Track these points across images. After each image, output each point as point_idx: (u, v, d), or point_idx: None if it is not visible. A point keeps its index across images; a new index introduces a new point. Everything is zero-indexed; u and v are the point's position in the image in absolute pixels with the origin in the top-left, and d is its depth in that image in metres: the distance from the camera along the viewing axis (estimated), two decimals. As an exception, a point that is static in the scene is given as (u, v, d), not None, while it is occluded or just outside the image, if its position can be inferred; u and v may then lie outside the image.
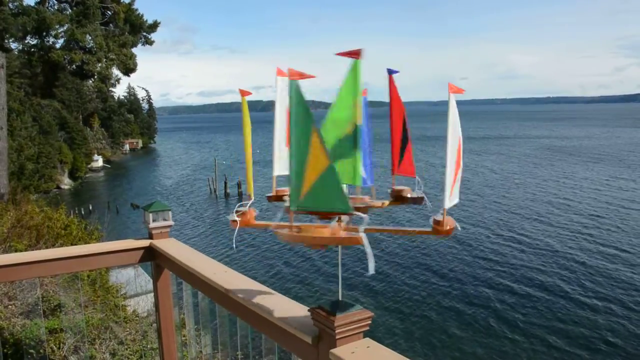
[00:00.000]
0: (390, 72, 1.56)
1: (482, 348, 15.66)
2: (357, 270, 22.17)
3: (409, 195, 1.64)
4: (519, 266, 22.48)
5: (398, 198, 1.65)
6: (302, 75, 1.31)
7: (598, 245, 25.09)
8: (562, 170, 50.79)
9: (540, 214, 31.92)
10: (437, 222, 1.42)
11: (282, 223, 1.50)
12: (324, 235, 1.36)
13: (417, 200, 1.65)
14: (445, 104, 1.44)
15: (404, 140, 1.63)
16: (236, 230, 1.63)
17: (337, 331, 1.45)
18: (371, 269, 1.29)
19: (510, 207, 34.56)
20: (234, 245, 26.62)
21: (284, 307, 1.82)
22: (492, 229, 28.78)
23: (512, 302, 18.86)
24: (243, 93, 1.62)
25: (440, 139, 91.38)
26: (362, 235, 1.30)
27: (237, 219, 1.62)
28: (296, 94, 1.28)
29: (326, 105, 1.64)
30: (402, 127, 1.62)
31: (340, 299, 1.52)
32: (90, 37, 55.34)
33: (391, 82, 1.56)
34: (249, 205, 1.66)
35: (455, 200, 1.48)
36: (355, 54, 1.27)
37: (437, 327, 17.10)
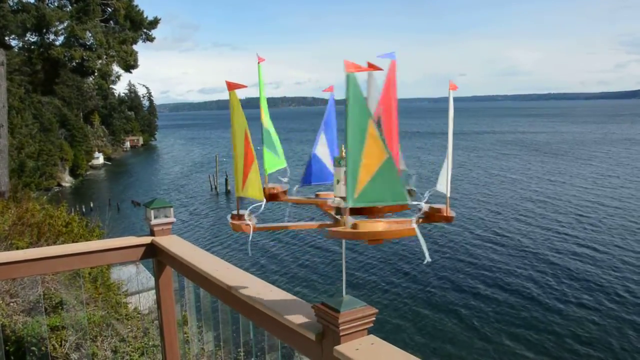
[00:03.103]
0: (388, 56, 1.48)
1: (486, 345, 15.68)
2: (362, 266, 22.21)
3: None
4: (523, 264, 22.51)
5: None
6: (360, 68, 1.25)
7: (591, 242, 25.13)
8: (550, 168, 50.78)
9: (535, 211, 31.94)
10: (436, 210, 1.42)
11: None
12: (378, 229, 1.35)
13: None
14: (445, 100, 1.43)
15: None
16: (250, 236, 1.60)
17: (341, 328, 1.44)
18: (427, 258, 1.33)
19: (507, 204, 34.58)
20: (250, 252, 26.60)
21: (287, 303, 1.82)
22: (504, 222, 28.82)
23: (515, 300, 18.89)
24: (231, 86, 1.55)
25: (437, 135, 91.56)
26: (415, 226, 1.32)
27: (250, 223, 1.60)
28: (353, 88, 1.24)
29: (324, 102, 1.66)
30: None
31: (344, 295, 1.51)
32: (90, 34, 55.37)
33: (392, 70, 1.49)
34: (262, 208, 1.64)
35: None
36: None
37: (441, 323, 17.11)
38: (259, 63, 1.62)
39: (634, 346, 15.24)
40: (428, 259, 1.34)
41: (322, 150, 1.75)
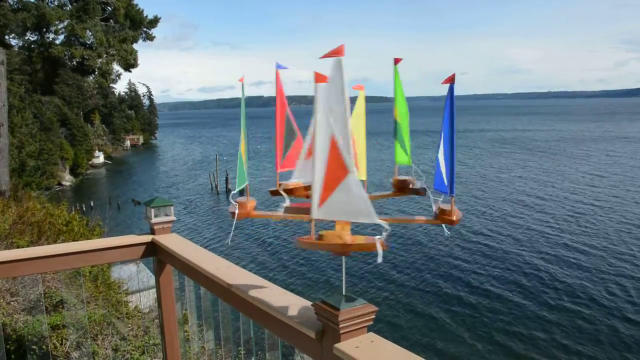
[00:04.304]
0: (279, 67, 1.53)
1: (485, 343, 15.70)
2: (361, 264, 22.21)
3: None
4: (523, 263, 22.52)
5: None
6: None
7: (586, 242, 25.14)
8: (547, 166, 50.76)
9: (529, 210, 31.95)
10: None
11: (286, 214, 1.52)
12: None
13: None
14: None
15: (290, 135, 1.62)
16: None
17: (340, 326, 1.44)
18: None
19: (502, 203, 34.59)
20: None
21: (287, 301, 1.82)
22: (497, 222, 28.83)
23: (510, 299, 18.91)
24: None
25: (429, 134, 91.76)
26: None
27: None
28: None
29: None
30: (286, 123, 1.61)
31: (344, 293, 1.52)
32: (90, 33, 55.35)
33: (277, 78, 1.54)
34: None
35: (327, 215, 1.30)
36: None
37: (441, 322, 17.14)
38: (395, 64, 1.54)
39: (620, 348, 15.29)
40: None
41: (440, 154, 1.48)
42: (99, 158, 67.14)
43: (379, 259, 1.27)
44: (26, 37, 56.54)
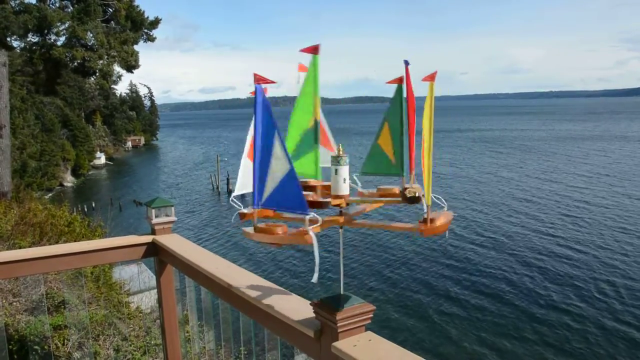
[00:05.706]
0: (407, 63, 1.43)
1: (483, 342, 15.69)
2: (359, 264, 22.22)
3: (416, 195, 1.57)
4: (517, 264, 22.50)
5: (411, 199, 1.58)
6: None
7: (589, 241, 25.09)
8: (546, 166, 50.61)
9: (527, 210, 31.90)
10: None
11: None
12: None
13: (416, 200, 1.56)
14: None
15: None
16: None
17: (338, 325, 1.45)
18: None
19: (500, 203, 34.54)
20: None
21: (286, 301, 1.83)
22: (491, 223, 28.80)
23: (508, 299, 18.89)
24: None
25: (439, 132, 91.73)
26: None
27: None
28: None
29: (326, 101, 1.61)
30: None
31: (341, 292, 1.53)
32: (91, 35, 55.34)
33: (407, 76, 1.43)
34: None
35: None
36: (313, 50, 1.27)
37: (438, 320, 17.13)
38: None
39: (611, 348, 15.28)
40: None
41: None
42: (101, 159, 67.22)
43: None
44: (28, 39, 56.54)
